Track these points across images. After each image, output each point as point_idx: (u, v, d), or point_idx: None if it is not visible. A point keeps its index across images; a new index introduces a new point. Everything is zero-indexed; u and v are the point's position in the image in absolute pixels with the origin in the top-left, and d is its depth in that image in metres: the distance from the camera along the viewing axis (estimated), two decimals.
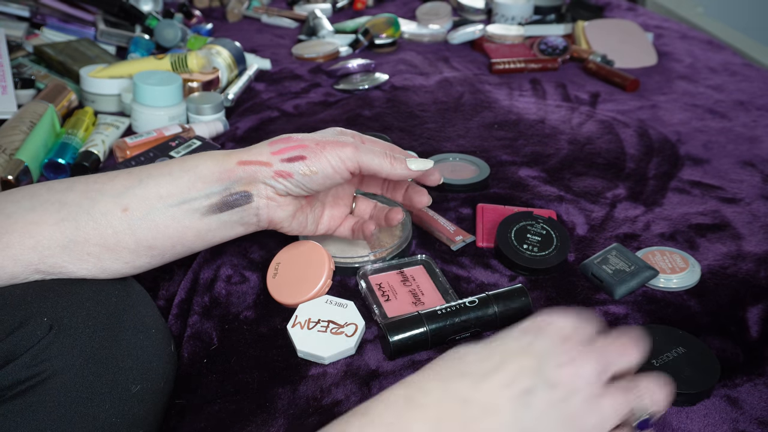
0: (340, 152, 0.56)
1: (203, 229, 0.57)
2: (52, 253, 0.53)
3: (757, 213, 0.88)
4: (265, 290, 0.71)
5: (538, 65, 1.36)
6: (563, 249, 0.76)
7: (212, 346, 0.65)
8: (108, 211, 0.54)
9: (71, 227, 0.53)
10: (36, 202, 0.53)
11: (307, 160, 0.56)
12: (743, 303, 0.72)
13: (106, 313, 0.53)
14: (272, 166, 0.56)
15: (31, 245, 0.52)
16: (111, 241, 0.54)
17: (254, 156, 0.56)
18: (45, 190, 0.55)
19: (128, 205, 0.54)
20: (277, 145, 0.57)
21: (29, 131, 0.92)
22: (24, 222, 0.52)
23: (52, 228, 0.53)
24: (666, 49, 1.48)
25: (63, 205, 0.53)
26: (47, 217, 0.53)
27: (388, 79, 1.25)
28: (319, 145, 0.56)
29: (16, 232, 0.52)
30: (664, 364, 0.62)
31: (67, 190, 0.55)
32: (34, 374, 0.49)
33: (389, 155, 0.59)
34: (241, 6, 1.66)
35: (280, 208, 0.59)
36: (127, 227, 0.54)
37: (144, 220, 0.54)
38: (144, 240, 0.55)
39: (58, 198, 0.54)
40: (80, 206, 0.53)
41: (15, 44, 1.24)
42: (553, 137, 1.07)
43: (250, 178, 0.56)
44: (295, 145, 0.56)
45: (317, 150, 0.56)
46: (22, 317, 0.50)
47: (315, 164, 0.56)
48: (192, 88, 1.12)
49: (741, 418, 0.59)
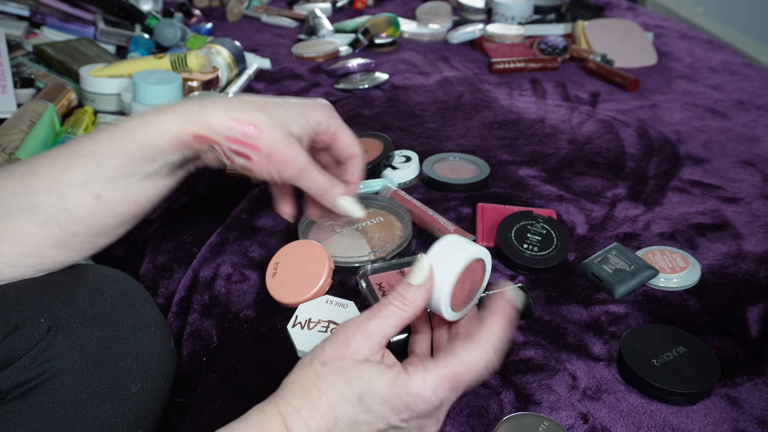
0: (282, 170, 0.57)
1: (169, 186, 0.59)
2: (47, 253, 0.53)
3: (757, 212, 0.88)
4: (266, 289, 0.71)
5: (538, 65, 1.36)
6: (563, 248, 0.76)
7: (212, 345, 0.65)
8: (83, 204, 0.54)
9: (54, 229, 0.53)
10: (6, 212, 0.52)
11: (250, 162, 0.56)
12: (743, 302, 0.72)
13: (104, 313, 0.53)
14: (222, 147, 0.56)
15: (24, 252, 0.52)
16: (95, 226, 0.55)
17: (209, 134, 0.55)
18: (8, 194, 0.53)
19: (99, 193, 0.54)
20: (236, 130, 0.55)
21: (29, 130, 0.92)
22: (7, 231, 0.52)
23: (36, 233, 0.52)
24: (666, 49, 1.48)
25: (35, 209, 0.52)
26: (25, 224, 0.52)
27: (388, 79, 1.25)
28: (269, 155, 0.56)
29: (5, 243, 0.52)
30: (664, 363, 0.62)
31: (30, 192, 0.53)
32: (34, 376, 0.49)
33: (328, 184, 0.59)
34: (240, 5, 1.66)
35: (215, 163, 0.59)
36: (106, 211, 0.55)
37: (120, 201, 0.55)
38: (124, 214, 0.56)
39: (23, 204, 0.52)
40: (54, 207, 0.53)
41: (15, 43, 1.24)
42: (553, 137, 1.07)
43: (203, 148, 0.57)
44: (248, 144, 0.56)
45: (264, 158, 0.56)
46: (18, 319, 0.50)
47: (256, 168, 0.57)
48: (192, 88, 1.12)
49: (741, 417, 0.59)
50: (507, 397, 0.60)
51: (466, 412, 0.59)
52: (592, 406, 0.60)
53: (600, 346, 0.66)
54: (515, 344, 0.66)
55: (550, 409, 0.59)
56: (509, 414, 0.57)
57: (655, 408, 0.60)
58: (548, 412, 0.59)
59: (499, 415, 0.58)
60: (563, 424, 0.58)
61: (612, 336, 0.67)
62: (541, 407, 0.59)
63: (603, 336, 0.67)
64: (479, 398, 0.60)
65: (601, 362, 0.64)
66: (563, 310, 0.71)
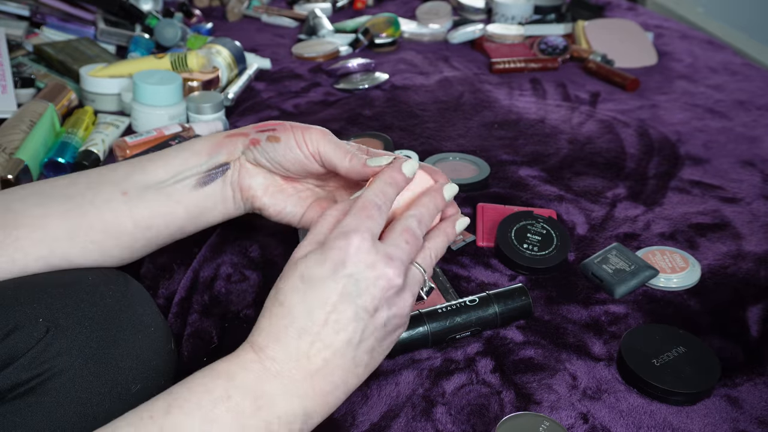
0: (306, 132, 0.58)
1: (191, 205, 0.59)
2: (60, 245, 0.54)
3: (757, 212, 0.88)
4: (266, 288, 0.71)
5: (538, 65, 1.36)
6: (563, 248, 0.76)
7: (212, 345, 0.65)
8: (110, 198, 0.56)
9: (76, 216, 0.55)
10: (42, 198, 0.55)
11: (276, 131, 0.58)
12: (743, 303, 0.72)
13: (103, 314, 0.53)
14: (248, 135, 0.59)
15: (39, 237, 0.53)
16: (112, 226, 0.56)
17: (239, 129, 0.60)
18: (49, 187, 0.57)
19: (127, 189, 0.56)
20: (260, 125, 0.60)
21: (29, 130, 0.92)
22: (32, 217, 0.54)
23: (58, 220, 0.54)
24: (666, 49, 1.48)
25: (68, 198, 0.55)
26: (53, 210, 0.54)
27: (388, 79, 1.25)
28: (293, 125, 0.59)
29: (25, 227, 0.53)
30: (665, 363, 0.62)
31: (71, 184, 0.57)
32: (33, 376, 0.49)
33: (352, 151, 0.58)
34: (241, 5, 1.66)
35: (249, 176, 0.60)
36: (126, 209, 0.56)
37: (141, 200, 0.57)
38: (141, 220, 0.57)
39: (62, 192, 0.56)
40: (84, 197, 0.55)
41: (15, 43, 1.24)
42: (553, 137, 1.07)
43: (232, 148, 0.59)
44: (274, 123, 0.59)
45: (288, 127, 0.58)
46: (16, 319, 0.50)
47: (281, 135, 0.58)
48: (192, 88, 1.11)
49: (741, 417, 0.59)
50: (507, 396, 0.60)
51: (467, 411, 0.59)
52: (592, 406, 0.60)
53: (600, 346, 0.66)
54: (515, 344, 0.66)
55: (550, 409, 0.59)
56: (509, 413, 0.57)
57: (655, 408, 0.60)
58: (548, 412, 0.59)
59: (500, 414, 0.59)
60: (563, 423, 0.58)
61: (612, 336, 0.67)
62: (541, 407, 0.59)
63: (603, 336, 0.67)
64: (480, 397, 0.60)
65: (601, 362, 0.64)
66: (563, 310, 0.71)
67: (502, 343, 0.66)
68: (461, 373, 0.62)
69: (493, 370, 0.63)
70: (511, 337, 0.67)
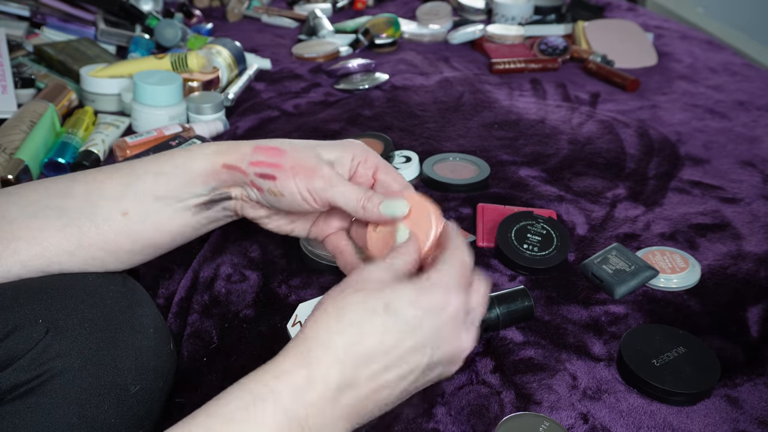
0: (309, 183, 0.54)
1: (196, 224, 0.59)
2: (60, 259, 0.54)
3: (757, 213, 0.88)
4: (265, 288, 0.71)
5: (538, 65, 1.36)
6: (563, 249, 0.76)
7: (212, 345, 0.65)
8: (109, 217, 0.55)
9: (75, 233, 0.54)
10: (37, 209, 0.54)
11: (277, 182, 0.55)
12: (743, 303, 0.72)
13: (102, 314, 0.53)
14: (248, 176, 0.56)
15: (38, 252, 0.53)
16: (112, 245, 0.55)
17: (236, 161, 0.57)
18: (43, 195, 0.55)
19: (127, 209, 0.55)
20: (259, 155, 0.56)
21: (29, 130, 0.92)
22: (29, 228, 0.53)
23: (57, 234, 0.54)
24: (666, 49, 1.48)
25: (64, 212, 0.54)
26: (50, 224, 0.54)
27: (388, 79, 1.25)
28: (293, 169, 0.55)
29: (23, 240, 0.53)
30: (665, 363, 0.62)
31: (67, 195, 0.55)
32: (33, 377, 0.49)
33: (363, 197, 0.55)
34: (241, 6, 1.66)
35: (252, 209, 0.60)
36: (126, 231, 0.55)
37: (143, 223, 0.56)
38: (141, 240, 0.56)
39: (57, 204, 0.55)
40: (82, 212, 0.54)
41: (15, 44, 1.24)
42: (553, 137, 1.07)
43: (231, 181, 0.57)
44: (272, 163, 0.55)
45: (289, 174, 0.55)
46: (16, 320, 0.50)
47: (283, 188, 0.55)
48: (192, 88, 1.12)
49: (741, 417, 0.59)
50: (507, 396, 0.60)
51: (467, 411, 0.59)
52: (592, 406, 0.60)
53: (600, 346, 0.66)
54: (515, 344, 0.66)
55: (550, 409, 0.59)
56: (510, 413, 0.57)
57: (655, 408, 0.60)
58: (548, 412, 0.59)
59: (500, 414, 0.59)
60: (563, 424, 0.58)
61: (612, 336, 0.67)
62: (541, 407, 0.59)
63: (603, 336, 0.67)
64: (480, 397, 0.60)
65: (601, 362, 0.64)
66: (563, 310, 0.71)
67: (502, 343, 0.66)
68: (461, 374, 0.62)
69: (493, 370, 0.63)
70: (511, 338, 0.67)
